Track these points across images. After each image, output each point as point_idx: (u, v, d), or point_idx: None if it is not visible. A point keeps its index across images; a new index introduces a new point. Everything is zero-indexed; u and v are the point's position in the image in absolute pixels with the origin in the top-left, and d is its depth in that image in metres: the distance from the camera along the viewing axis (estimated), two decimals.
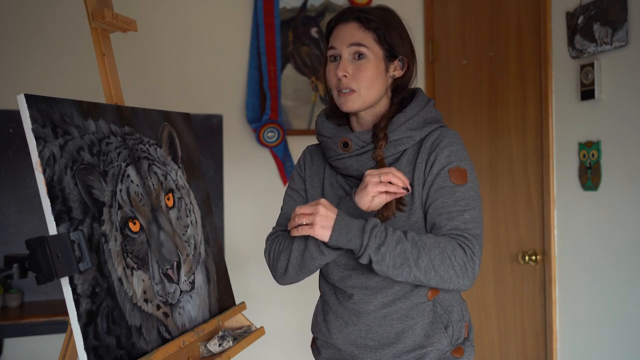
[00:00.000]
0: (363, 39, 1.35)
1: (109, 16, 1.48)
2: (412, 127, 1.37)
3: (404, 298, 1.34)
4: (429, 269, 1.22)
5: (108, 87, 1.52)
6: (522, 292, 2.56)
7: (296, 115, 3.20)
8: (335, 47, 1.38)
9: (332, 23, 1.41)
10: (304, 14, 3.21)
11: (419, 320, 1.35)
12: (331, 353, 1.43)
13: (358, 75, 1.36)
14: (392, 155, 1.38)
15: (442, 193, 1.30)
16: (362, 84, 1.36)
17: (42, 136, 1.16)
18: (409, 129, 1.37)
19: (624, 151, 2.07)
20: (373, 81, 1.37)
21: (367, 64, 1.36)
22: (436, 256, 1.22)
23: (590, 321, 2.23)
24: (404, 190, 1.25)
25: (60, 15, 2.90)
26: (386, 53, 1.38)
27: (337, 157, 1.40)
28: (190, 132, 1.74)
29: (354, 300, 1.37)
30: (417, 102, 1.40)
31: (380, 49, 1.37)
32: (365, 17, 1.36)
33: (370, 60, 1.36)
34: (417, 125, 1.38)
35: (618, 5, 2.05)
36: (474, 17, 2.84)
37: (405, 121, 1.37)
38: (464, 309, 1.42)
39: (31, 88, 1.78)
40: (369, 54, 1.35)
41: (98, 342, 1.16)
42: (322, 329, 1.45)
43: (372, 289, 1.36)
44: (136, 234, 1.35)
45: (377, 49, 1.36)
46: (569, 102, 2.30)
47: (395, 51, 1.38)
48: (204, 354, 1.52)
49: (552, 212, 2.38)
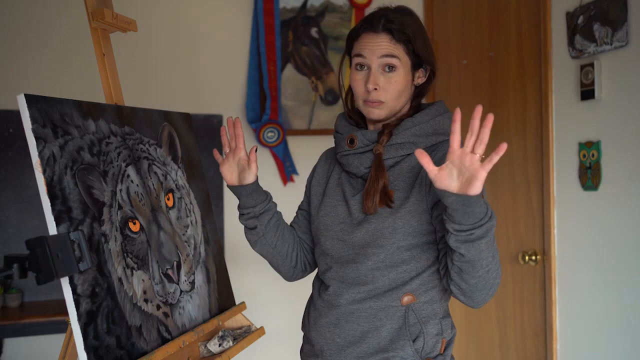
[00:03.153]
0: (395, 51, 1.35)
1: (109, 16, 1.48)
2: (418, 134, 1.36)
3: (375, 298, 1.33)
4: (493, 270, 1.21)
5: (108, 87, 1.52)
6: (522, 292, 2.56)
7: (296, 115, 3.20)
8: (365, 56, 1.36)
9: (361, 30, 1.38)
10: (304, 14, 3.21)
11: (386, 323, 1.32)
12: (308, 348, 1.46)
13: (387, 87, 1.36)
14: (393, 158, 1.37)
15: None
16: (391, 96, 1.36)
17: (42, 136, 1.16)
18: (414, 134, 1.36)
19: (624, 151, 2.07)
20: (401, 92, 1.37)
21: (397, 77, 1.36)
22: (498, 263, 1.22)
23: (590, 321, 2.23)
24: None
25: (60, 15, 2.89)
26: (413, 63, 1.38)
27: (342, 152, 1.43)
28: (190, 132, 1.74)
29: (329, 292, 1.39)
30: (430, 111, 1.40)
31: (409, 59, 1.37)
32: (396, 28, 1.34)
33: (400, 72, 1.36)
34: (424, 132, 1.37)
35: (618, 5, 2.05)
36: (474, 17, 2.84)
37: (412, 126, 1.37)
38: (444, 325, 1.36)
39: (31, 88, 1.78)
40: (400, 65, 1.35)
41: (98, 342, 1.16)
42: (305, 322, 1.48)
43: (348, 282, 1.36)
44: (136, 234, 1.35)
45: (406, 60, 1.36)
46: (569, 102, 2.30)
47: (422, 60, 1.39)
48: (204, 354, 1.52)
49: (552, 212, 2.38)
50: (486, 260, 1.18)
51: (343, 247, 1.38)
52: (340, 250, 1.38)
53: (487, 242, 1.15)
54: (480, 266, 1.18)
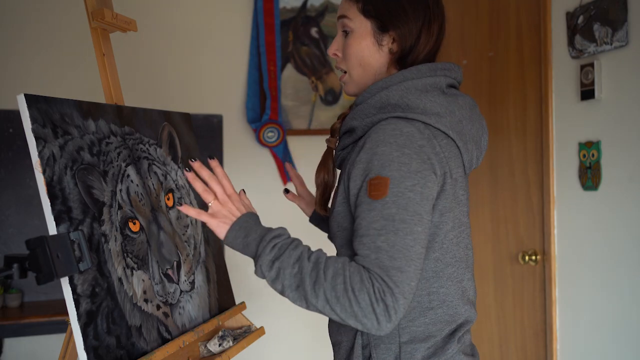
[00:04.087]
0: (347, 11, 1.18)
1: (108, 16, 1.48)
2: (357, 116, 1.15)
3: None
4: (330, 299, 0.97)
5: (108, 87, 1.52)
6: (522, 292, 2.56)
7: (296, 115, 3.20)
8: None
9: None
10: (304, 14, 3.21)
11: (344, 339, 1.18)
12: None
13: (345, 53, 1.19)
14: (342, 150, 1.20)
15: (359, 211, 1.04)
16: (350, 64, 1.19)
17: (42, 136, 1.16)
18: (351, 118, 1.16)
19: (624, 151, 2.07)
20: (361, 59, 1.17)
21: (351, 40, 1.17)
22: (337, 286, 0.97)
23: (590, 321, 2.22)
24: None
25: (61, 15, 2.89)
26: (376, 24, 1.16)
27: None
28: (190, 132, 1.74)
29: None
30: (376, 85, 1.14)
31: (366, 20, 1.16)
32: None
33: (355, 35, 1.17)
34: (363, 113, 1.13)
35: (618, 5, 2.05)
36: (474, 17, 2.84)
37: (360, 102, 1.15)
38: (406, 351, 1.10)
39: (31, 88, 1.78)
40: (354, 27, 1.17)
41: (98, 342, 1.16)
42: None
43: None
44: (136, 234, 1.35)
45: (361, 21, 1.17)
46: (569, 102, 2.30)
47: (384, 23, 1.16)
48: (204, 354, 1.52)
49: (552, 212, 2.38)
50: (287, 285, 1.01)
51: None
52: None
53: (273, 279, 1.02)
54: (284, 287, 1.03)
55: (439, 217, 1.09)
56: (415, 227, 1.00)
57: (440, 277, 1.12)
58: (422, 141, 1.06)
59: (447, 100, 1.14)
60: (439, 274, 1.12)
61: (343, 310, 0.97)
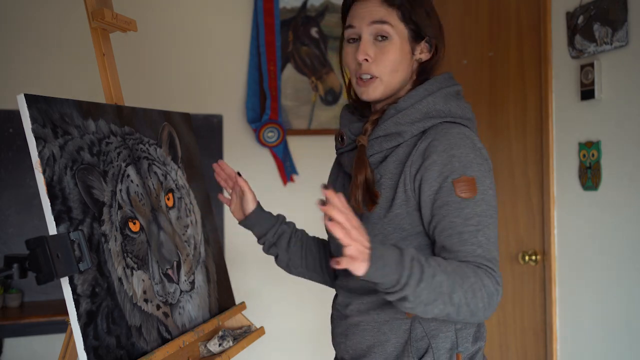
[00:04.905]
0: (386, 17, 1.18)
1: (108, 16, 1.48)
2: (402, 122, 1.17)
3: (379, 309, 1.20)
4: (462, 304, 1.04)
5: (108, 87, 1.52)
6: (522, 292, 2.56)
7: (296, 115, 3.20)
8: (354, 25, 1.20)
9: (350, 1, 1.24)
10: (304, 14, 3.21)
11: (391, 337, 1.18)
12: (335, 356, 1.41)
13: (380, 58, 1.19)
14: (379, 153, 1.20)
15: (448, 210, 1.10)
16: (385, 69, 1.19)
17: (42, 136, 1.16)
18: (397, 123, 1.17)
19: (624, 151, 2.07)
20: (397, 65, 1.20)
21: (390, 45, 1.18)
22: (469, 289, 1.05)
23: (590, 321, 2.22)
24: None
25: (60, 15, 2.89)
26: (412, 33, 1.20)
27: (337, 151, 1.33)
28: (190, 132, 1.74)
29: (338, 302, 1.32)
30: (418, 91, 1.19)
31: (405, 28, 1.19)
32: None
33: (394, 41, 1.18)
34: (410, 119, 1.17)
35: (618, 5, 2.05)
36: (474, 17, 2.84)
37: (396, 113, 1.18)
38: (461, 337, 1.18)
39: (31, 88, 1.78)
40: (393, 33, 1.18)
41: (98, 342, 1.16)
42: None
43: (353, 292, 1.25)
44: (136, 234, 1.35)
45: (402, 28, 1.19)
46: (569, 102, 2.30)
47: (422, 31, 1.20)
48: (204, 354, 1.52)
49: (552, 212, 2.38)
50: (434, 299, 1.02)
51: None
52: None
53: (416, 302, 1.01)
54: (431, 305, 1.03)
55: None
56: (496, 220, 1.14)
57: None
58: (479, 144, 1.17)
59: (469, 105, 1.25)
60: None
61: (470, 311, 1.06)
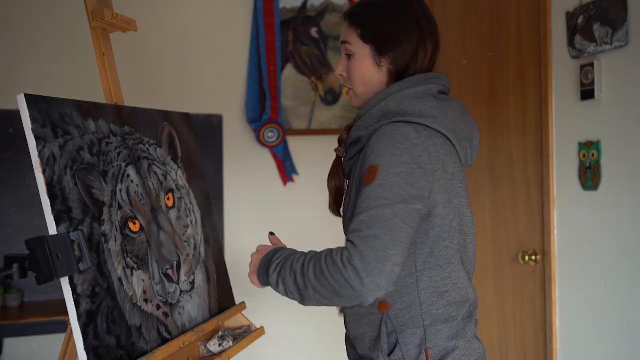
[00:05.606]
0: (348, 37, 1.30)
1: (109, 16, 1.48)
2: (361, 127, 1.26)
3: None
4: (315, 286, 1.07)
5: (108, 87, 1.52)
6: (522, 292, 2.56)
7: (296, 115, 3.20)
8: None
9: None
10: (304, 14, 3.21)
11: (367, 331, 1.25)
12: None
13: (350, 74, 1.32)
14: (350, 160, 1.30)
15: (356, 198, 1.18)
16: (354, 83, 1.31)
17: (42, 136, 1.16)
18: (357, 129, 1.27)
19: (624, 151, 2.07)
20: (366, 79, 1.30)
21: (354, 62, 1.30)
22: (317, 270, 1.07)
23: (591, 321, 2.22)
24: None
25: (60, 15, 2.89)
26: (374, 48, 1.28)
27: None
28: (190, 132, 1.74)
29: None
30: (374, 98, 1.26)
31: (365, 44, 1.28)
32: (351, 13, 1.31)
33: (357, 58, 1.29)
34: (367, 124, 1.25)
35: (618, 5, 2.05)
36: (474, 17, 2.84)
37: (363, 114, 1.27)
38: (430, 333, 1.20)
39: (31, 88, 1.78)
40: (355, 52, 1.29)
41: (98, 342, 1.16)
42: None
43: None
44: (136, 234, 1.35)
45: (361, 45, 1.29)
46: (569, 102, 2.30)
47: (380, 47, 1.27)
48: (204, 354, 1.52)
49: (552, 212, 2.38)
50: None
51: None
52: None
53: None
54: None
55: (442, 209, 1.19)
56: (397, 204, 1.07)
57: (452, 263, 1.22)
58: (416, 140, 1.16)
59: (440, 103, 1.25)
60: (450, 260, 1.22)
61: (327, 292, 1.06)
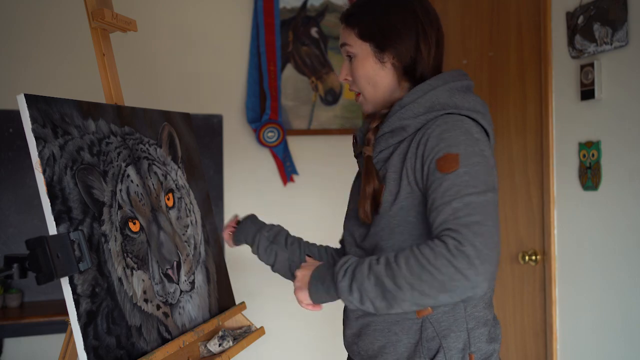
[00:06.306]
0: (347, 39, 1.27)
1: (109, 16, 1.48)
2: (406, 116, 1.19)
3: None
4: (414, 284, 0.98)
5: (108, 87, 1.52)
6: (522, 292, 2.56)
7: (296, 115, 3.20)
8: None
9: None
10: (304, 14, 3.21)
11: (402, 338, 1.18)
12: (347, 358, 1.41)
13: (354, 76, 1.28)
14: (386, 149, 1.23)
15: (432, 188, 1.09)
16: (361, 86, 1.28)
17: (42, 136, 1.16)
18: (401, 118, 1.20)
19: (624, 151, 2.07)
20: (371, 79, 1.26)
21: (356, 63, 1.27)
22: (414, 266, 0.99)
23: (590, 321, 2.22)
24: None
25: (60, 15, 2.89)
26: (374, 46, 1.25)
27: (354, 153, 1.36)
28: (190, 132, 1.74)
29: None
30: (422, 87, 1.21)
31: (365, 43, 1.25)
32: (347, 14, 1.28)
33: (359, 59, 1.26)
34: (413, 113, 1.19)
35: (618, 5, 2.05)
36: (474, 17, 2.84)
37: (400, 109, 1.21)
38: (473, 337, 1.17)
39: (31, 88, 1.78)
40: (356, 52, 1.26)
41: (98, 342, 1.16)
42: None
43: None
44: (136, 234, 1.35)
45: (360, 45, 1.25)
46: (569, 102, 2.30)
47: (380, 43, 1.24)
48: (204, 354, 1.52)
49: (552, 212, 2.38)
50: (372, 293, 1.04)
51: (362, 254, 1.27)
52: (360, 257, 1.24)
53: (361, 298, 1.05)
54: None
55: None
56: (487, 192, 1.05)
57: None
58: (477, 135, 1.14)
59: (481, 100, 1.23)
60: None
61: (432, 288, 0.97)
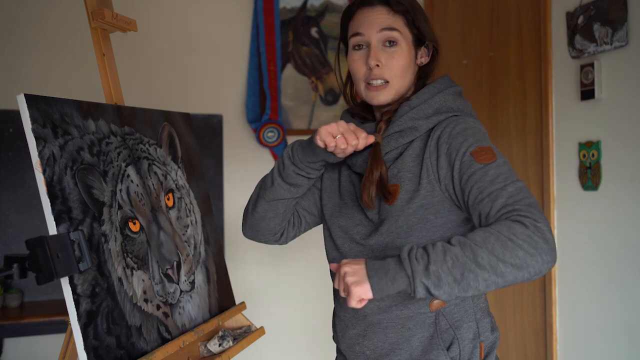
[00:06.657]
0: (394, 23, 1.23)
1: (109, 16, 1.48)
2: (417, 117, 1.22)
3: (402, 306, 1.21)
4: (495, 263, 0.99)
5: (108, 87, 1.52)
6: (522, 292, 2.56)
7: (296, 115, 3.20)
8: (362, 33, 1.24)
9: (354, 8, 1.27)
10: (304, 14, 3.21)
11: (416, 332, 1.20)
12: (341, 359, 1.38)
13: (390, 64, 1.23)
14: (395, 149, 1.24)
15: (474, 179, 1.11)
16: (395, 74, 1.24)
17: (42, 136, 1.16)
18: (412, 118, 1.22)
19: (624, 151, 2.07)
20: (405, 70, 1.25)
21: (399, 51, 1.23)
22: (494, 245, 1.00)
23: (590, 321, 2.22)
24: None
25: (60, 15, 2.89)
26: (415, 38, 1.26)
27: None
28: (190, 132, 1.74)
29: None
30: (428, 89, 1.25)
31: (410, 33, 1.25)
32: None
33: (402, 47, 1.23)
34: (424, 114, 1.22)
35: (618, 5, 2.05)
36: (474, 17, 2.84)
37: (410, 110, 1.23)
38: (481, 326, 1.22)
39: (31, 88, 1.78)
40: (401, 39, 1.23)
41: (98, 342, 1.16)
42: (334, 333, 1.38)
43: None
44: (136, 234, 1.35)
45: (407, 34, 1.24)
46: (569, 102, 2.30)
47: (423, 36, 1.26)
48: (204, 354, 1.52)
49: (552, 212, 2.38)
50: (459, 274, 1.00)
51: (362, 251, 1.26)
52: (359, 254, 1.26)
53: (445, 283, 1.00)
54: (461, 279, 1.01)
55: None
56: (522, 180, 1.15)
57: None
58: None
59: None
60: None
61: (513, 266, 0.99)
